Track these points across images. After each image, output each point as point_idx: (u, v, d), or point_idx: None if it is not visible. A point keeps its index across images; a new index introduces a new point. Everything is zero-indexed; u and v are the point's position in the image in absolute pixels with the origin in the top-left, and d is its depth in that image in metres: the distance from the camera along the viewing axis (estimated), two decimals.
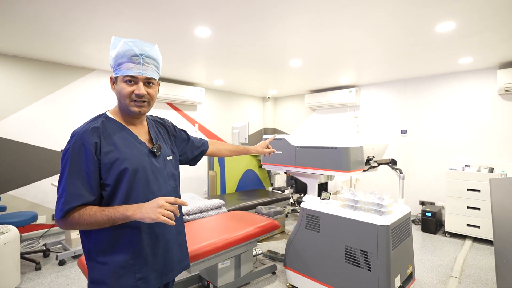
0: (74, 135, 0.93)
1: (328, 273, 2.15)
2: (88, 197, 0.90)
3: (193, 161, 1.39)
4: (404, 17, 2.36)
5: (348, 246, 2.05)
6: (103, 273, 0.94)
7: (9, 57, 3.42)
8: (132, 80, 0.97)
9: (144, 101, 0.99)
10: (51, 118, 3.71)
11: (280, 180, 5.88)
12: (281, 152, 2.85)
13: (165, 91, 4.59)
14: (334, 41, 2.92)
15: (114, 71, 0.98)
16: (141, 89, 0.97)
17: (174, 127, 1.30)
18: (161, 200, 0.89)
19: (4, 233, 2.32)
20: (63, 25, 2.54)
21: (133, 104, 0.98)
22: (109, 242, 0.95)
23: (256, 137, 6.53)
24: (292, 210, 4.82)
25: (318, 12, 2.28)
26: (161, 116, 1.28)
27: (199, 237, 2.11)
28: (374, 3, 2.12)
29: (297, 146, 2.72)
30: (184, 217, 2.59)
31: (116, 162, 0.94)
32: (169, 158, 1.15)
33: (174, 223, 0.90)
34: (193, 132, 5.31)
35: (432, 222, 3.85)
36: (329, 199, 2.38)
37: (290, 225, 4.13)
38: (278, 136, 2.93)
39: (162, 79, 4.67)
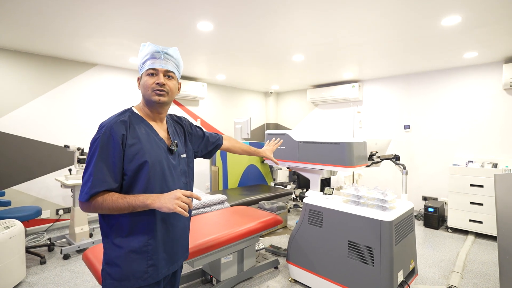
0: (103, 126, 1.01)
1: (330, 268, 2.16)
2: (112, 184, 0.97)
3: (207, 155, 1.51)
4: (409, 11, 2.32)
5: (351, 242, 2.06)
6: (117, 256, 1.01)
7: (11, 52, 3.42)
8: (153, 72, 1.07)
9: (163, 90, 1.08)
10: (53, 113, 3.72)
11: (282, 175, 5.88)
12: (284, 147, 2.85)
13: None
14: (337, 35, 2.89)
15: (140, 70, 1.11)
16: (161, 78, 1.07)
17: (191, 125, 1.39)
18: (179, 192, 0.98)
19: (9, 228, 2.34)
20: (65, 20, 2.52)
21: (153, 94, 1.07)
22: (126, 228, 1.02)
23: (258, 132, 6.52)
24: (294, 205, 4.83)
25: (322, 6, 2.25)
26: (179, 115, 1.36)
27: (203, 232, 2.12)
28: None
29: (300, 142, 2.71)
30: None
31: (137, 154, 1.02)
32: (183, 156, 1.24)
33: (188, 215, 0.98)
34: None
35: (434, 217, 3.85)
36: (332, 194, 2.38)
37: (292, 220, 4.14)
38: (281, 131, 2.92)
39: None
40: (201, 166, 5.37)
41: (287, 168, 4.52)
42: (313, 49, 3.36)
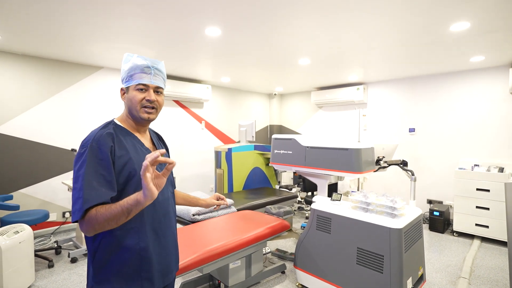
0: (88, 139, 0.97)
1: (339, 274, 2.17)
2: (105, 196, 0.92)
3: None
4: (418, 17, 2.32)
5: (360, 248, 2.06)
6: (109, 273, 0.97)
7: (19, 56, 3.43)
8: (143, 88, 1.06)
9: (153, 108, 1.08)
10: (60, 116, 3.73)
11: (286, 177, 5.89)
12: (291, 152, 2.85)
13: (172, 88, 4.58)
14: (344, 40, 2.89)
15: (125, 82, 1.07)
16: (151, 95, 1.06)
17: (167, 147, 1.35)
18: (145, 169, 0.83)
19: (19, 232, 2.36)
20: (72, 25, 2.53)
21: (143, 110, 1.06)
22: (116, 242, 0.98)
23: (261, 135, 6.53)
24: (299, 207, 4.83)
25: (329, 12, 2.25)
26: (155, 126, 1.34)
27: (212, 238, 2.13)
28: (390, 3, 2.08)
29: (307, 147, 2.71)
30: (194, 216, 2.61)
31: (126, 165, 1.00)
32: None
33: (164, 178, 0.89)
34: (200, 129, 5.32)
35: (440, 221, 3.84)
36: (340, 200, 2.38)
37: (297, 223, 4.15)
38: (287, 136, 2.93)
39: (169, 76, 4.66)
40: (205, 168, 5.38)
41: (294, 173, 4.52)
42: (319, 53, 3.36)
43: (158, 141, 1.26)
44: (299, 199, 3.99)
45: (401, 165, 2.58)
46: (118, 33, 2.74)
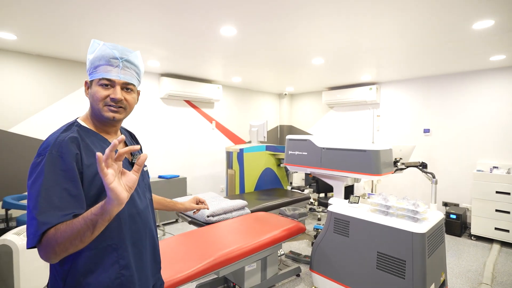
0: (47, 146, 0.79)
1: (358, 279, 2.11)
2: (67, 216, 0.74)
3: None
4: (440, 16, 2.25)
5: (380, 253, 2.01)
6: None
7: (33, 56, 3.46)
8: (108, 84, 0.88)
9: (120, 107, 0.90)
10: (72, 116, 3.76)
11: (297, 178, 5.83)
12: (306, 153, 2.80)
13: (182, 88, 4.58)
14: (359, 40, 2.83)
15: (89, 74, 0.90)
16: (117, 93, 0.88)
17: (140, 146, 1.17)
18: (109, 168, 0.68)
19: None
20: (86, 25, 2.53)
21: (106, 109, 0.88)
22: (90, 263, 0.82)
23: (272, 135, 6.49)
24: (310, 209, 4.78)
25: (346, 12, 2.20)
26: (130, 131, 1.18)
27: (228, 240, 2.10)
28: (412, 2, 2.02)
29: (323, 148, 2.66)
30: (209, 218, 2.59)
31: (98, 175, 0.82)
32: (145, 168, 1.08)
33: (137, 173, 0.73)
34: (210, 129, 5.30)
35: (457, 224, 3.75)
36: (358, 203, 2.33)
37: (309, 225, 4.10)
38: (302, 136, 2.88)
39: (180, 76, 4.66)
40: (215, 168, 5.37)
41: (308, 174, 4.47)
42: (333, 53, 3.30)
43: (132, 140, 1.12)
44: (312, 200, 3.93)
45: (421, 167, 2.51)
46: (131, 33, 2.74)
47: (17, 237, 2.22)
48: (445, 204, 4.25)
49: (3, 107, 3.27)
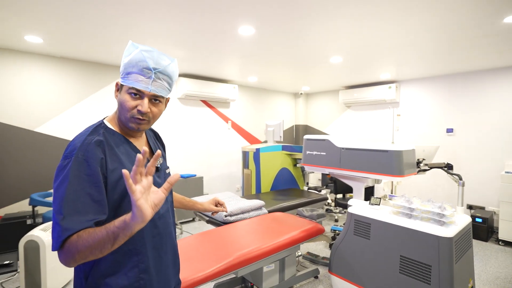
0: (73, 149, 0.79)
1: (379, 283, 2.05)
2: (90, 222, 0.75)
3: None
4: (469, 10, 2.15)
5: (403, 257, 1.94)
6: None
7: (57, 59, 3.59)
8: (137, 93, 0.86)
9: (145, 119, 0.89)
10: (95, 117, 3.86)
11: (313, 178, 5.77)
12: (324, 153, 2.76)
13: (199, 88, 4.62)
14: (379, 37, 2.76)
15: (122, 78, 0.87)
16: (145, 106, 0.86)
17: (164, 145, 1.19)
18: (139, 184, 0.67)
19: None
20: (108, 27, 2.59)
21: (132, 120, 0.88)
22: (112, 265, 0.84)
23: (287, 134, 6.44)
24: (327, 210, 4.71)
25: (366, 9, 2.14)
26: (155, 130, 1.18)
27: (246, 241, 2.09)
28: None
29: (342, 148, 2.60)
30: (226, 217, 2.59)
31: (121, 180, 0.83)
32: (168, 171, 1.07)
33: (164, 195, 0.72)
34: (226, 129, 5.33)
35: (483, 228, 3.58)
36: (379, 204, 2.26)
37: (326, 226, 4.03)
38: (320, 136, 2.83)
39: (196, 76, 4.70)
40: (231, 167, 5.39)
41: (326, 174, 4.40)
42: (352, 51, 3.23)
43: (156, 141, 1.10)
44: (329, 201, 3.87)
45: (446, 169, 2.41)
46: (151, 35, 2.78)
47: (43, 233, 2.31)
48: (470, 207, 4.07)
49: (29, 108, 3.40)
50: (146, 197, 0.67)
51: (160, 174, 1.01)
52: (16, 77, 3.32)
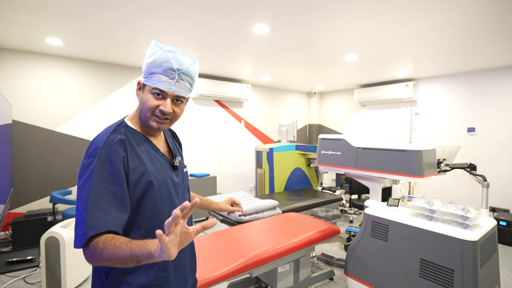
0: (97, 147, 0.81)
1: (398, 286, 1.99)
2: (114, 220, 0.78)
3: None
4: (492, 2, 2.05)
5: (423, 260, 1.87)
6: None
7: (76, 60, 3.69)
8: (160, 94, 0.87)
9: (167, 119, 0.90)
10: (113, 116, 3.95)
11: (327, 179, 5.69)
12: (340, 153, 2.71)
13: (212, 88, 4.64)
14: (398, 34, 2.68)
15: (144, 77, 0.89)
16: (167, 106, 0.87)
17: (181, 144, 1.20)
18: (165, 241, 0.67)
19: None
20: (124, 29, 2.64)
21: (154, 119, 0.89)
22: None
23: (301, 134, 6.38)
24: (341, 210, 4.63)
25: (383, 5, 2.07)
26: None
27: (261, 241, 2.08)
28: None
29: (359, 148, 2.55)
30: (241, 217, 2.59)
31: (142, 178, 0.85)
32: (185, 170, 1.09)
33: (193, 236, 0.72)
34: (239, 129, 5.33)
35: (507, 232, 3.43)
36: (397, 206, 2.20)
37: (341, 227, 3.96)
38: (336, 136, 2.78)
39: (210, 76, 4.73)
40: (244, 167, 5.39)
41: (342, 175, 4.33)
42: (368, 49, 3.16)
43: (173, 140, 1.11)
44: (344, 201, 3.81)
45: (468, 169, 2.31)
46: (166, 35, 2.81)
47: (63, 230, 2.37)
48: (493, 210, 3.90)
49: (50, 108, 3.52)
50: (176, 241, 0.67)
51: (178, 173, 1.01)
52: (37, 79, 3.43)
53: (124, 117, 0.95)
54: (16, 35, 2.80)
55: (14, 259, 2.81)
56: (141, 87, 0.91)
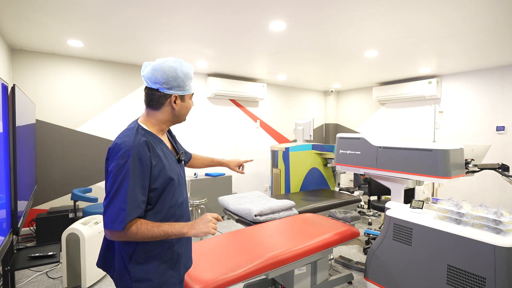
0: (128, 149, 0.97)
1: None
2: (141, 210, 0.97)
3: None
4: None
5: (451, 266, 1.76)
6: (147, 270, 1.02)
7: (96, 61, 3.78)
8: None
9: None
10: (131, 116, 4.02)
11: (344, 179, 5.56)
12: (359, 152, 2.61)
13: (228, 87, 4.63)
14: (419, 27, 2.55)
15: (182, 90, 1.08)
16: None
17: (174, 136, 1.35)
18: (209, 215, 1.04)
19: (98, 223, 2.56)
20: (143, 30, 2.66)
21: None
22: (153, 245, 1.04)
23: (317, 133, 6.27)
24: (359, 212, 4.50)
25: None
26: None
27: (277, 242, 2.03)
28: None
29: (379, 147, 2.45)
30: (256, 217, 2.55)
31: (161, 173, 1.03)
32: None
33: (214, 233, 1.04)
34: (255, 128, 5.30)
35: None
36: (422, 208, 2.08)
37: (359, 229, 3.84)
38: (355, 135, 2.69)
39: (225, 75, 4.72)
40: (260, 167, 5.35)
41: (361, 175, 4.21)
42: (389, 44, 3.03)
43: (169, 136, 1.27)
44: (361, 203, 3.69)
45: (500, 170, 2.17)
46: (183, 35, 2.81)
47: (83, 227, 2.42)
48: None
49: (71, 108, 3.62)
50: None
51: (182, 166, 1.21)
52: (59, 80, 3.54)
53: (137, 121, 1.10)
54: (39, 37, 2.89)
55: (37, 254, 2.90)
56: (175, 100, 1.09)
